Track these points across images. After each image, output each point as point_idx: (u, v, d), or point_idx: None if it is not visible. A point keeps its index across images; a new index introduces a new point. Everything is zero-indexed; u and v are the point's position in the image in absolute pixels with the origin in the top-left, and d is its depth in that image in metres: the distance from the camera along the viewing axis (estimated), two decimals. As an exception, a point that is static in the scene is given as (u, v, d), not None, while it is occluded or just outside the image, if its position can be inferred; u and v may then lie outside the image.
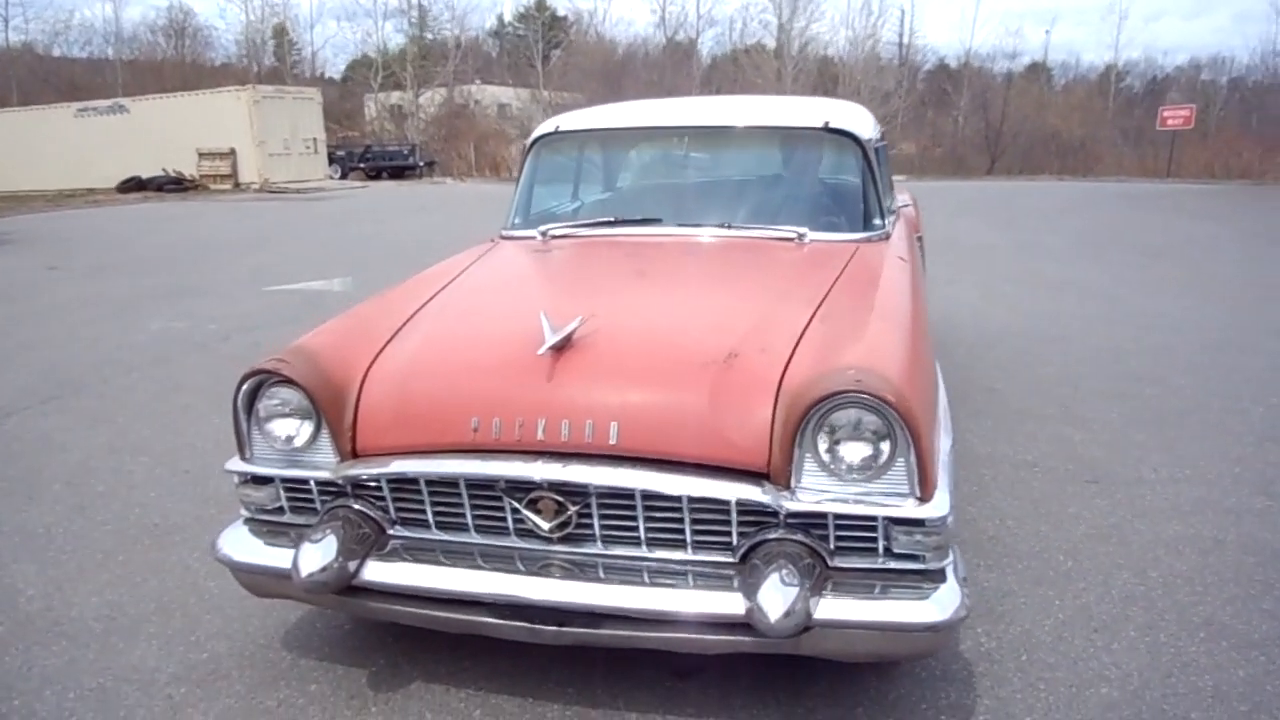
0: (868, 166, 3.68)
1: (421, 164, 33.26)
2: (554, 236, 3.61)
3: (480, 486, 2.38)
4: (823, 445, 2.21)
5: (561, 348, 2.38)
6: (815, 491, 2.22)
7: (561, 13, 56.73)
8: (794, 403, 2.21)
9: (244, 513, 2.65)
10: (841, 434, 2.20)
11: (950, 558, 2.28)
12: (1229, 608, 3.01)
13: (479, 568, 2.38)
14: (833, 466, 2.21)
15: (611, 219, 3.59)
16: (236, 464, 2.58)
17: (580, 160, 4.06)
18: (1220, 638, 2.83)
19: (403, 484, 2.44)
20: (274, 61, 54.12)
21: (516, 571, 2.36)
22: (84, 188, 30.35)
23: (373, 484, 2.46)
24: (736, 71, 45.65)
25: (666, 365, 2.39)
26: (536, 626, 2.32)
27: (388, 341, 2.66)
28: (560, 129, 3.91)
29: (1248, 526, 3.60)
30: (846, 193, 3.67)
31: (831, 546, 2.26)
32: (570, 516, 2.32)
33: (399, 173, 32.45)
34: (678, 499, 2.27)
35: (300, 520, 2.58)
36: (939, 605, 2.20)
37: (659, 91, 40.28)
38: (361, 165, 32.74)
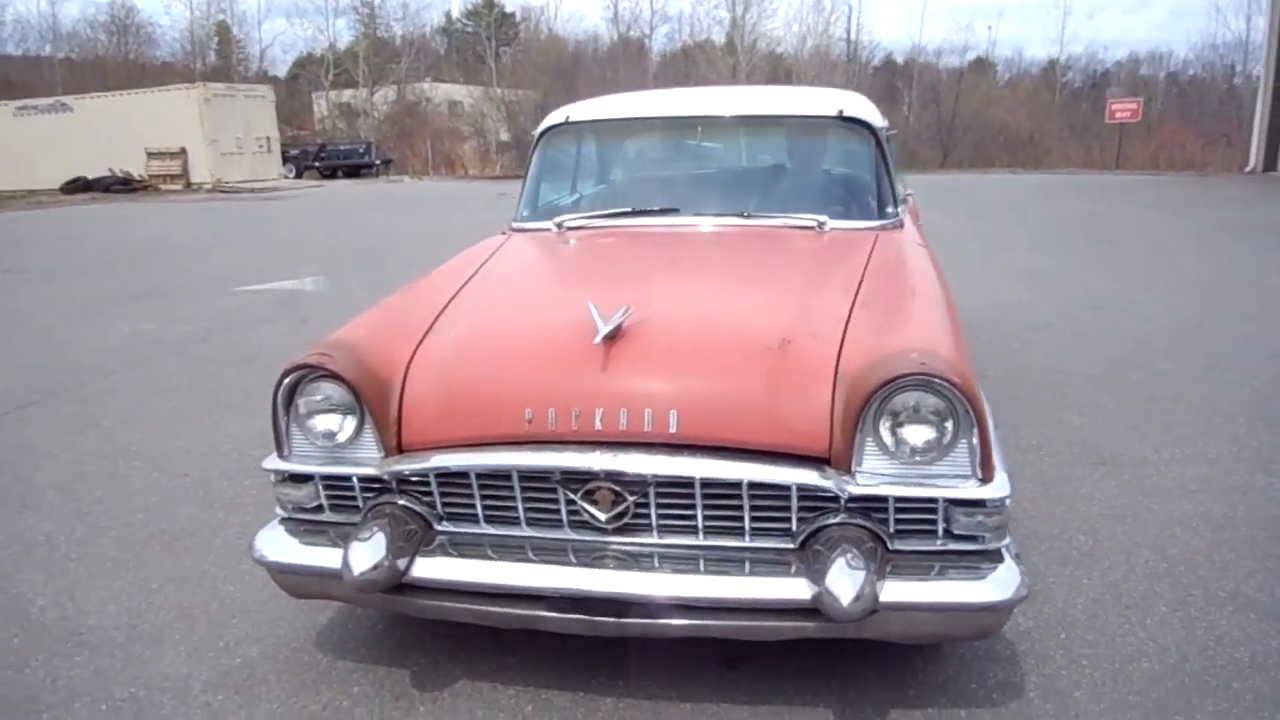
0: (881, 155, 3.70)
1: (378, 162, 32.86)
2: (570, 228, 3.58)
3: (534, 479, 2.34)
4: (885, 428, 2.21)
5: (613, 337, 2.35)
6: (876, 475, 2.23)
7: (510, 9, 56.41)
8: (855, 387, 2.21)
9: (280, 512, 2.59)
10: (904, 417, 2.20)
11: (1008, 538, 2.30)
12: (1251, 581, 3.07)
13: (531, 561, 2.34)
14: (894, 450, 2.21)
15: (628, 210, 3.57)
16: (274, 462, 2.52)
17: (590, 151, 4.02)
18: (1248, 610, 2.89)
19: (451, 478, 2.40)
20: (218, 59, 53.13)
21: (570, 564, 2.33)
22: (25, 189, 29.50)
23: (419, 479, 2.42)
24: (690, 67, 45.75)
25: (722, 352, 2.37)
26: (597, 619, 2.30)
27: (425, 334, 2.61)
28: (570, 119, 3.87)
29: (1254, 502, 3.68)
30: (861, 181, 3.68)
31: (891, 529, 2.27)
32: (628, 507, 2.30)
33: (355, 171, 32.03)
34: (737, 486, 2.25)
35: (340, 519, 2.53)
36: (1001, 585, 2.22)
37: (613, 88, 40.23)
38: (316, 164, 32.25)
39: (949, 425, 2.19)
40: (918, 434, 2.20)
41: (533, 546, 2.40)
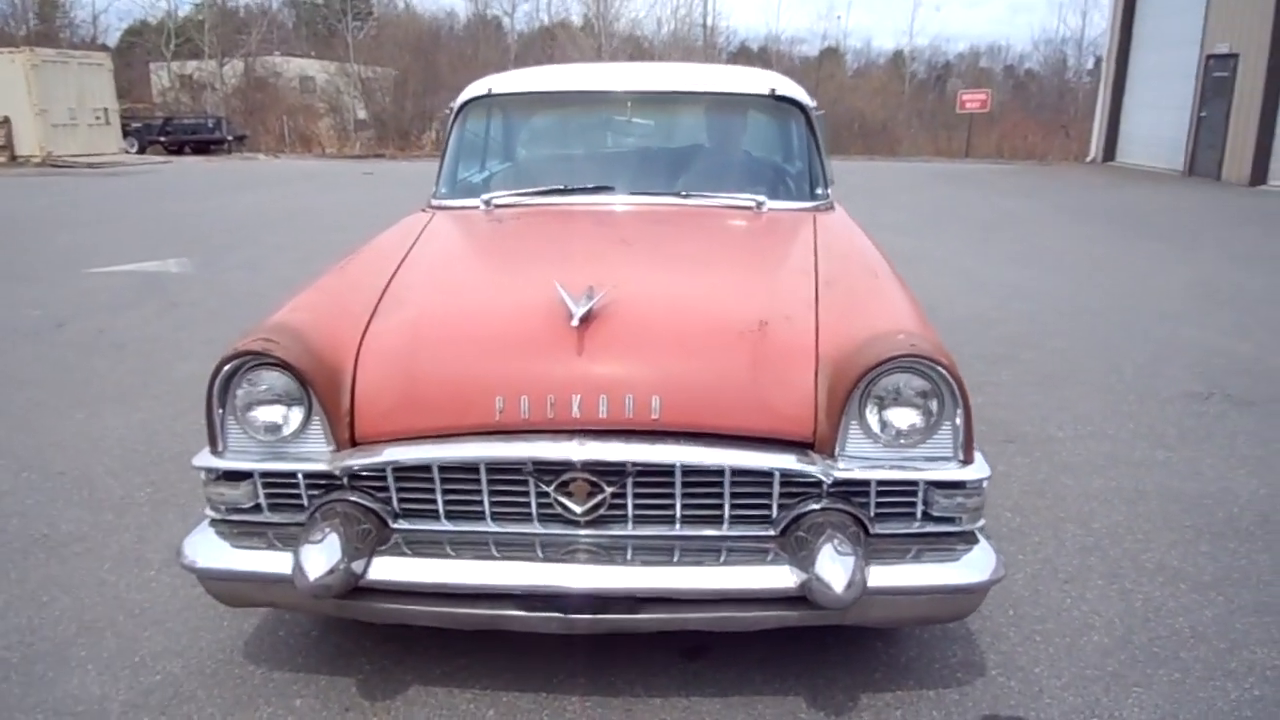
0: (812, 135, 3.68)
1: (230, 138, 31.09)
2: (499, 205, 3.40)
3: (502, 471, 2.20)
4: (871, 411, 2.16)
5: (585, 320, 2.22)
6: (860, 459, 2.19)
7: (361, -19, 54.28)
8: (841, 369, 2.16)
9: (210, 513, 2.35)
10: (889, 399, 2.16)
11: (982, 519, 2.30)
12: (1174, 552, 3.20)
13: (498, 558, 2.20)
14: (880, 433, 2.17)
15: (561, 187, 3.42)
16: (206, 459, 2.28)
17: (514, 125, 3.84)
18: (1177, 581, 3.01)
19: (410, 472, 2.23)
20: (39, 24, 49.14)
21: (541, 559, 2.20)
22: None
23: (375, 474, 2.23)
24: (552, 47, 45.20)
25: (702, 335, 2.28)
26: (571, 616, 2.17)
27: (370, 318, 2.41)
28: (493, 91, 3.68)
29: (1159, 476, 3.85)
30: (794, 161, 3.65)
31: (871, 513, 2.23)
32: (605, 498, 2.18)
33: (204, 147, 30.19)
34: (718, 473, 2.17)
35: (281, 519, 2.31)
36: (980, 566, 2.22)
37: (474, 66, 39.49)
38: (161, 139, 30.21)
39: (934, 407, 2.16)
40: (903, 416, 2.17)
41: (497, 542, 2.26)
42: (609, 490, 2.18)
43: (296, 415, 2.22)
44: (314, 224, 11.61)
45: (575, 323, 2.17)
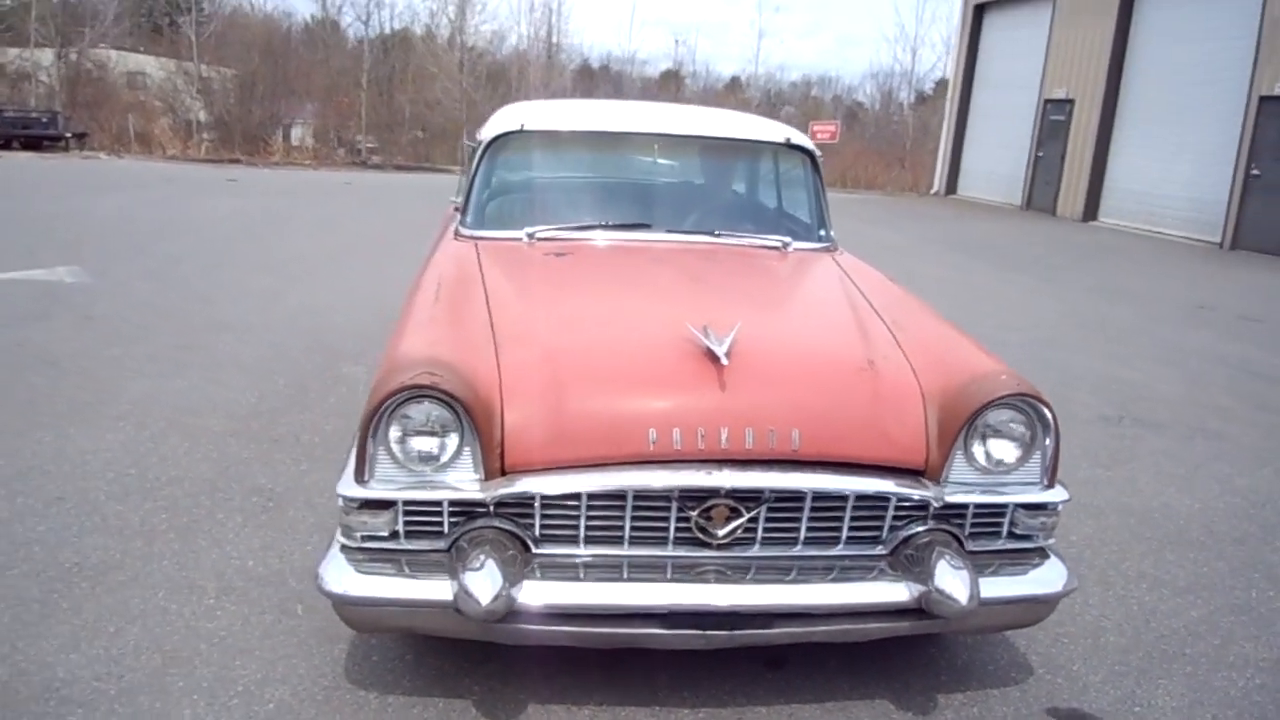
0: (819, 180, 3.97)
1: (68, 135, 29.05)
2: (542, 239, 3.53)
3: (646, 498, 2.36)
4: (976, 443, 2.45)
5: (716, 356, 2.41)
6: (962, 485, 2.47)
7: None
8: (950, 405, 2.44)
9: (344, 540, 2.40)
10: (993, 432, 2.45)
11: (1054, 538, 2.62)
12: (1147, 561, 3.64)
13: (646, 580, 2.36)
14: (983, 462, 2.46)
15: (602, 223, 3.58)
16: (351, 488, 2.33)
17: (544, 160, 3.96)
18: (1159, 587, 3.43)
19: (555, 500, 2.35)
20: None
21: (676, 581, 2.37)
22: None
23: (520, 502, 2.35)
24: (408, 55, 44.42)
25: (828, 373, 2.51)
26: (709, 633, 2.36)
27: (495, 353, 2.51)
28: (526, 127, 3.80)
29: (1108, 494, 4.33)
30: (805, 205, 3.94)
31: (967, 532, 2.51)
32: (742, 523, 2.38)
33: (35, 143, 28.09)
34: (842, 498, 2.40)
35: (420, 545, 2.39)
36: (1057, 578, 2.54)
37: (326, 71, 38.52)
38: (-15, 131, 27.97)
39: (1030, 439, 2.47)
40: (1005, 448, 2.47)
41: (631, 565, 2.41)
42: (746, 515, 2.38)
43: (451, 446, 2.31)
44: (199, 233, 11.14)
45: (725, 360, 2.36)
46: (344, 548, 2.40)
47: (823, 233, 3.91)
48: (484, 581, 2.20)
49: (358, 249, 10.49)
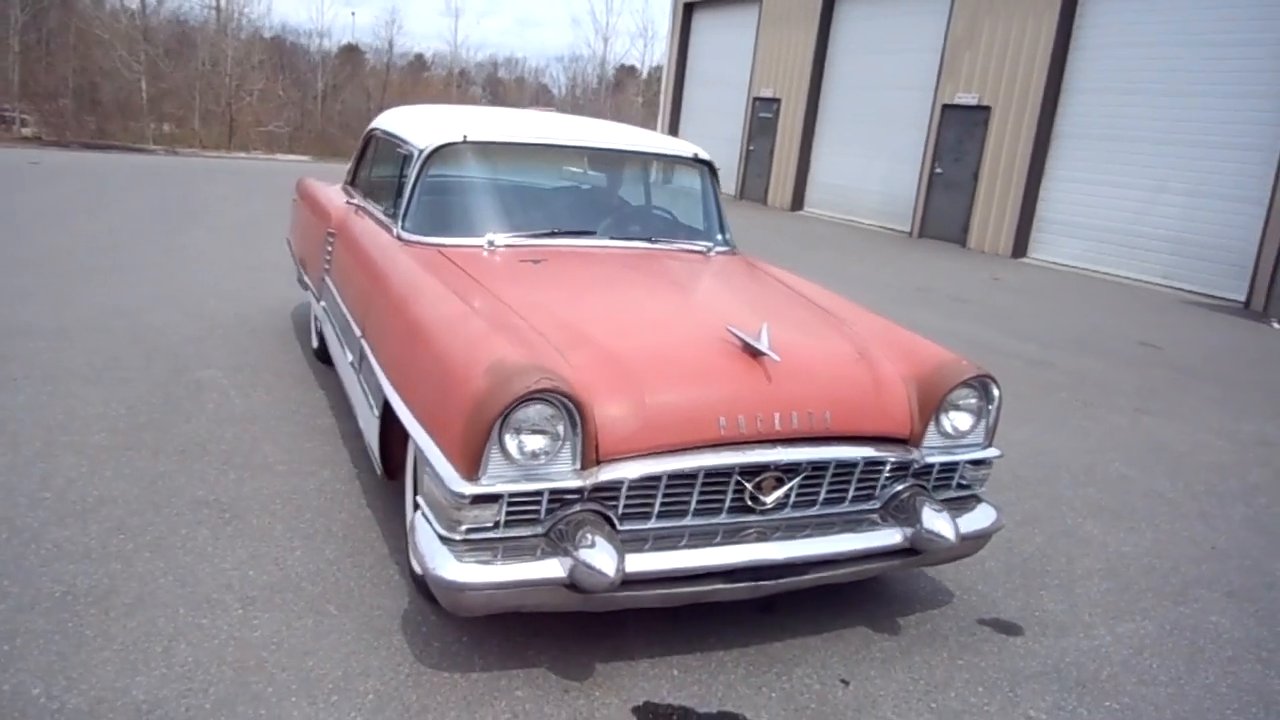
0: (718, 189, 4.53)
1: None
2: (501, 246, 3.79)
3: (714, 474, 2.80)
4: (944, 415, 3.11)
5: (756, 351, 2.90)
6: (934, 448, 3.14)
7: None
8: (925, 386, 3.09)
9: (447, 534, 2.63)
10: (954, 406, 3.13)
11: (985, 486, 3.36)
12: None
13: (713, 545, 2.81)
14: (948, 430, 3.13)
15: (553, 230, 3.90)
16: (464, 486, 2.57)
17: (484, 170, 4.13)
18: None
19: (638, 482, 2.73)
20: None
21: (742, 541, 2.84)
22: None
23: (611, 486, 2.70)
24: (71, 20, 39.70)
25: (839, 362, 3.07)
26: (761, 583, 2.86)
27: (561, 356, 2.83)
28: (468, 139, 4.00)
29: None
30: (713, 212, 4.47)
31: (931, 485, 3.18)
32: (786, 490, 2.89)
33: None
34: (853, 464, 2.98)
35: (519, 533, 2.68)
36: (993, 516, 3.27)
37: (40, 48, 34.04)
38: None
39: (980, 409, 3.17)
40: (963, 419, 3.16)
41: (691, 533, 2.85)
42: (789, 484, 2.89)
43: (557, 442, 2.62)
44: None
45: (777, 357, 2.85)
46: (444, 539, 2.63)
47: (728, 236, 4.47)
48: (604, 557, 2.54)
49: (127, 239, 9.67)
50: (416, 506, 2.84)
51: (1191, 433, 6.19)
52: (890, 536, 3.01)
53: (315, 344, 5.77)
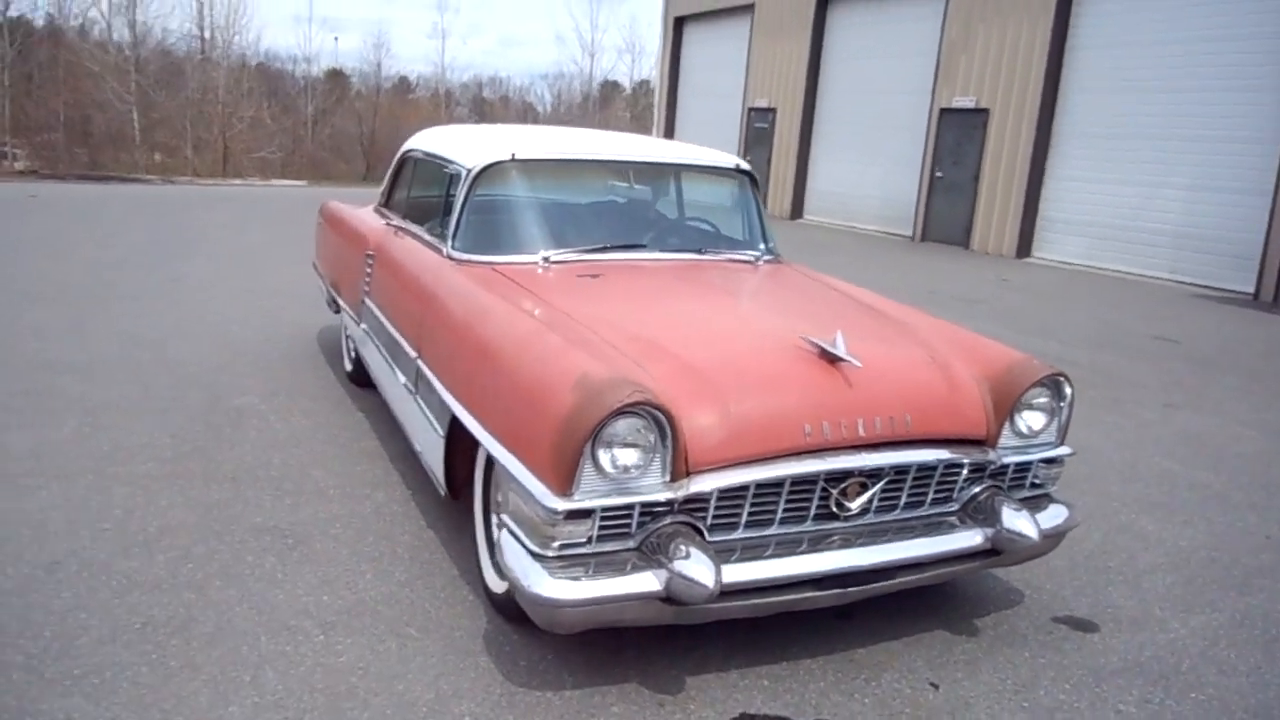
0: (759, 198, 4.54)
1: None
2: (557, 262, 3.79)
3: (800, 481, 2.79)
4: (1020, 416, 3.12)
5: (834, 359, 2.90)
6: (1009, 449, 3.14)
7: None
8: (999, 387, 3.09)
9: (540, 550, 2.62)
10: (1029, 406, 3.14)
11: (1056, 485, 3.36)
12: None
13: (804, 553, 2.80)
14: (1022, 430, 3.13)
15: (605, 245, 3.91)
16: (557, 502, 2.56)
17: (533, 188, 4.13)
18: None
19: (727, 492, 2.72)
20: None
21: (816, 551, 2.83)
22: None
23: (701, 497, 2.69)
24: (60, 53, 39.80)
25: (915, 365, 3.07)
26: (849, 589, 2.85)
27: (640, 369, 2.82)
28: (516, 156, 4.01)
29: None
30: (755, 222, 4.48)
31: (1007, 485, 3.18)
32: (873, 495, 2.88)
33: None
34: (934, 467, 2.98)
35: (610, 547, 2.67)
36: (1066, 515, 3.27)
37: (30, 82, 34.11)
38: None
39: (1054, 408, 3.17)
40: (1037, 418, 3.17)
41: (777, 542, 2.84)
42: (872, 489, 2.88)
43: (649, 455, 2.61)
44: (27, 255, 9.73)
45: (858, 364, 2.85)
46: (537, 556, 2.62)
47: (773, 245, 4.48)
48: (702, 568, 2.53)
49: (134, 269, 9.64)
50: (501, 525, 2.83)
51: (1222, 425, 6.21)
52: (971, 538, 3.01)
53: (349, 367, 5.76)
